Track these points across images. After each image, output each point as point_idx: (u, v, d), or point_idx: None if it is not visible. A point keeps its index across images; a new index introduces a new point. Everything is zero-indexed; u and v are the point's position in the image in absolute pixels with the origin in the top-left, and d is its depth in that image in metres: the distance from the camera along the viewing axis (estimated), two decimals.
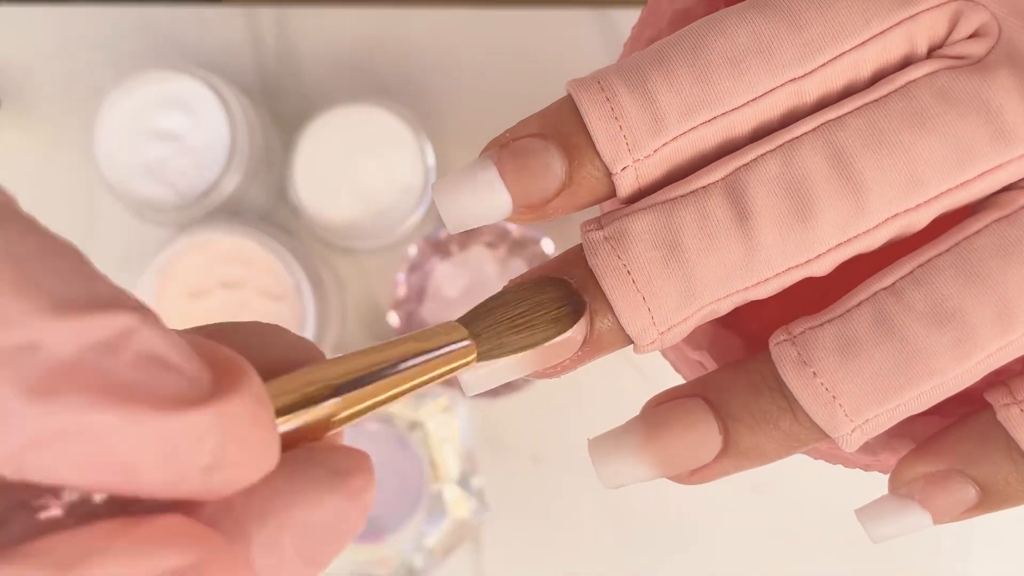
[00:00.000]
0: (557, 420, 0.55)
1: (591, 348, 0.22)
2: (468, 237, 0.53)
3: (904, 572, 0.55)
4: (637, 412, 0.23)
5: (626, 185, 0.21)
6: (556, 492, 0.55)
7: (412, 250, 0.53)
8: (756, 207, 0.20)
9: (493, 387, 0.22)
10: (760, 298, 0.21)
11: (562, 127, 0.21)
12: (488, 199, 0.21)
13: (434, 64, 0.56)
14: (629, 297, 0.21)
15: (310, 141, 0.51)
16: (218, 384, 0.14)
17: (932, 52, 0.21)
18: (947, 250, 0.21)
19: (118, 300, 0.14)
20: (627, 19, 0.55)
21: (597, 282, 0.21)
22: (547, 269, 0.22)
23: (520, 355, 0.21)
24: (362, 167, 0.51)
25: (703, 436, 0.22)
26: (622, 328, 0.21)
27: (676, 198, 0.21)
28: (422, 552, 0.50)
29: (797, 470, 0.55)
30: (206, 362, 0.14)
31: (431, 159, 0.51)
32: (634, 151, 0.21)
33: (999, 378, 0.22)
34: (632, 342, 0.22)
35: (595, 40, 0.55)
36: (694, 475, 0.22)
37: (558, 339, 0.21)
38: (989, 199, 0.21)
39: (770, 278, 0.21)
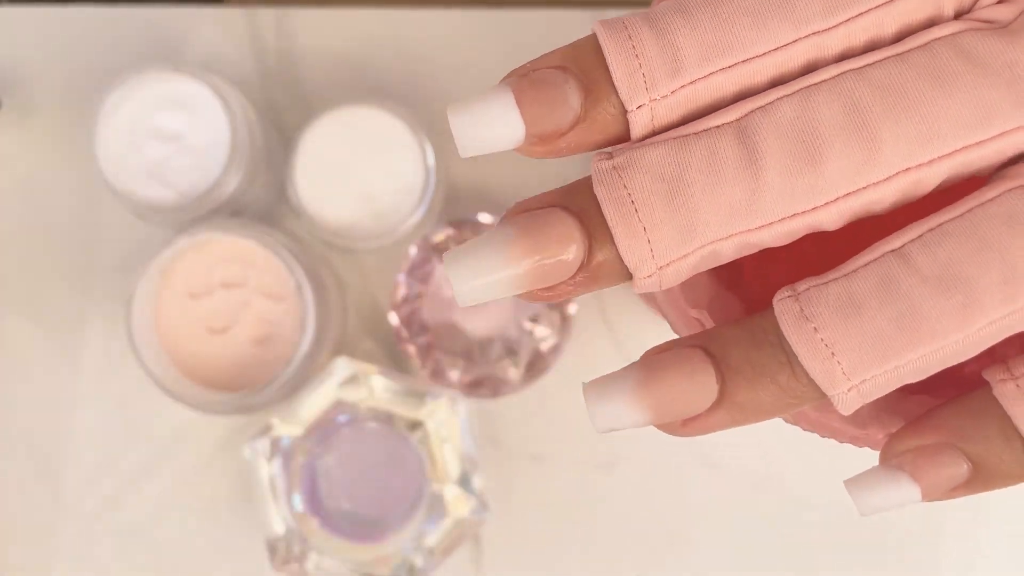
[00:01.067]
0: (557, 420, 0.55)
1: (588, 277, 0.22)
2: (468, 237, 0.53)
3: (905, 572, 0.55)
4: None
5: (640, 124, 0.21)
6: (556, 492, 0.55)
7: (412, 250, 0.53)
8: (766, 149, 0.21)
9: (487, 300, 0.22)
10: (764, 245, 0.22)
11: (583, 62, 0.21)
12: (501, 125, 0.21)
13: (434, 64, 0.56)
14: (630, 227, 0.21)
15: (310, 141, 0.51)
16: None
17: (958, 16, 0.22)
18: (958, 216, 0.21)
19: None
20: None
21: (600, 211, 0.21)
22: (552, 196, 0.22)
23: (514, 271, 0.21)
24: (362, 167, 0.51)
25: (699, 384, 0.22)
26: (621, 259, 0.21)
27: (688, 135, 0.21)
28: (422, 552, 0.50)
29: (797, 471, 0.55)
30: None
31: (431, 159, 0.51)
32: (651, 90, 0.21)
33: (996, 359, 0.22)
34: (630, 276, 0.22)
35: None
36: (687, 426, 0.22)
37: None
38: (1004, 170, 0.21)
39: (774, 222, 0.21)
